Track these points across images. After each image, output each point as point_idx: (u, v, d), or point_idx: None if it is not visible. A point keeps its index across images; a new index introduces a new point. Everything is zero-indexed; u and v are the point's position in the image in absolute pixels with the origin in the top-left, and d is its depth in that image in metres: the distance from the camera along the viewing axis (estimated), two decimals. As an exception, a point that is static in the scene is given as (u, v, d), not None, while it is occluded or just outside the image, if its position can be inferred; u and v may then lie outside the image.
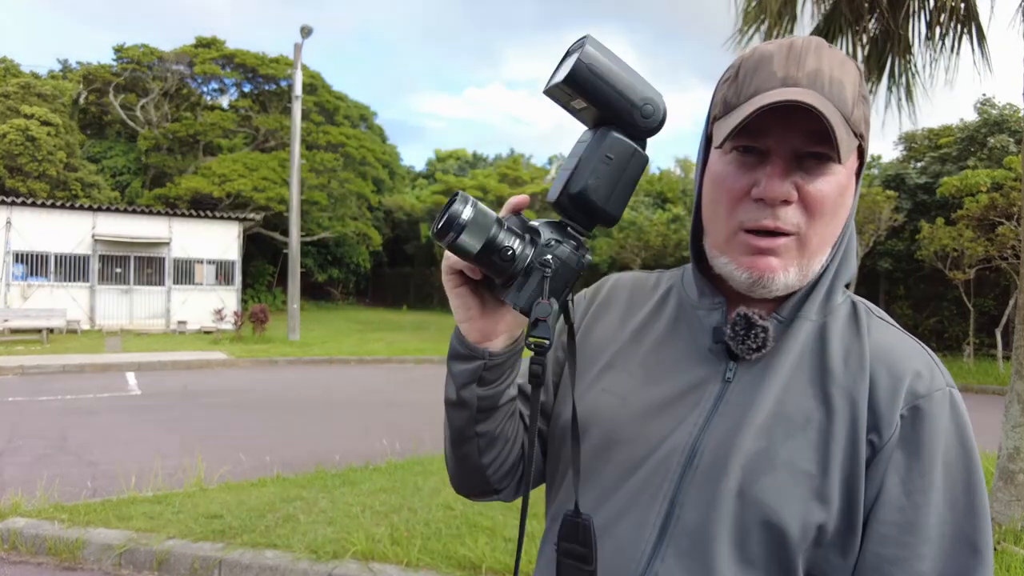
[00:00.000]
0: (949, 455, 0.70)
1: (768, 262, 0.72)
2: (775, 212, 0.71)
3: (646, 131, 0.70)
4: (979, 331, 15.17)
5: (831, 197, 0.71)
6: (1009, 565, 3.45)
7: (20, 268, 17.62)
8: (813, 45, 0.73)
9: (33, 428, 7.12)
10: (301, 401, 9.38)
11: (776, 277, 0.72)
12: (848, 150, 0.69)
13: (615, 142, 0.68)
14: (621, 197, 0.70)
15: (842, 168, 0.72)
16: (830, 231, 0.74)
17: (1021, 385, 4.00)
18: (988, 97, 17.56)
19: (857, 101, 0.72)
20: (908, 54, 5.04)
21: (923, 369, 0.73)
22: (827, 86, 0.70)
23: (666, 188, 27.96)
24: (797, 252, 0.73)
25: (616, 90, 0.67)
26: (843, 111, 0.70)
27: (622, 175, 0.69)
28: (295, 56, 17.98)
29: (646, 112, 0.68)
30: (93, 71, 28.25)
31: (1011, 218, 12.63)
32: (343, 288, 35.71)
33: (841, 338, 0.75)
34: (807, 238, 0.72)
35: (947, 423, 0.71)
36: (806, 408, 0.72)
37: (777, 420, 0.72)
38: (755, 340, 0.74)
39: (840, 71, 0.71)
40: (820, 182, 0.71)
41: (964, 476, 0.70)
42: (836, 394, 0.72)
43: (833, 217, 0.73)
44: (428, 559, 3.55)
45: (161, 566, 3.67)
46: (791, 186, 0.70)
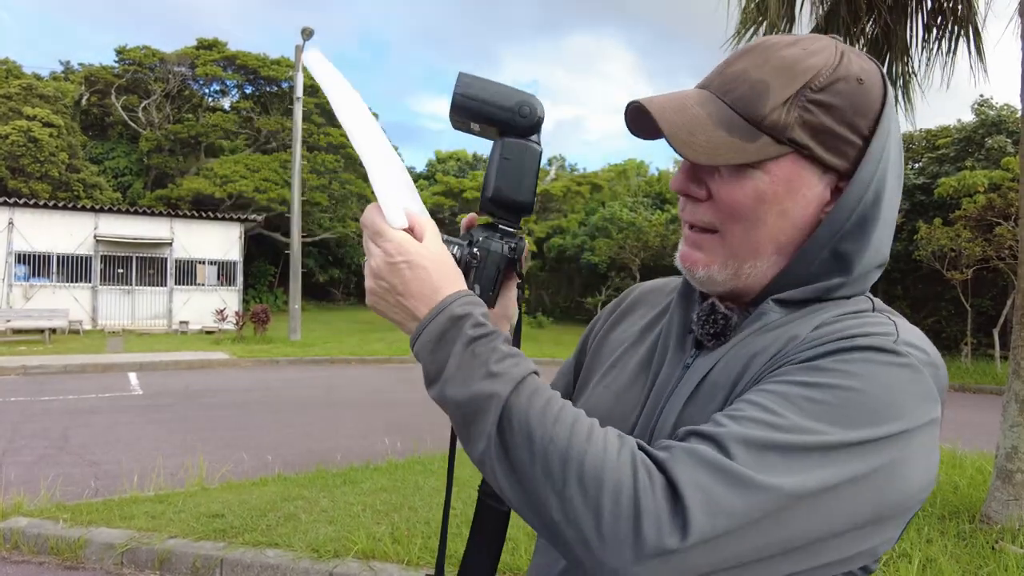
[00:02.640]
0: (828, 380, 0.62)
1: (691, 254, 0.75)
2: (688, 208, 0.75)
3: (529, 128, 0.80)
4: (977, 331, 15.18)
5: (743, 203, 0.71)
6: (1007, 565, 3.46)
7: (22, 269, 17.66)
8: (761, 47, 0.72)
9: (35, 428, 7.15)
10: (302, 401, 9.41)
11: (697, 270, 0.75)
12: (735, 154, 0.68)
13: (507, 145, 0.80)
14: (528, 187, 0.81)
15: (763, 174, 0.70)
16: (761, 235, 0.72)
17: (1019, 385, 4.02)
18: (986, 98, 17.59)
19: (791, 103, 0.68)
20: (906, 56, 5.06)
21: (862, 329, 0.67)
22: (736, 88, 0.70)
23: (665, 189, 27.96)
24: (721, 250, 0.74)
25: (492, 104, 0.78)
26: (746, 112, 0.69)
27: (522, 169, 0.80)
28: (296, 58, 18.03)
29: (523, 113, 0.79)
30: (95, 72, 28.31)
31: (1009, 218, 12.64)
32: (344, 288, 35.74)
33: (793, 321, 0.72)
34: (727, 239, 0.73)
35: (849, 364, 0.63)
36: (723, 380, 0.71)
37: (698, 391, 0.72)
38: (713, 326, 0.75)
39: (773, 73, 0.69)
40: (729, 186, 0.71)
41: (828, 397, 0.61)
42: (757, 354, 0.70)
43: (758, 222, 0.71)
44: (429, 558, 3.57)
45: (163, 565, 3.69)
46: (693, 184, 0.73)
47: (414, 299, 0.70)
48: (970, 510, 4.27)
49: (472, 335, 0.66)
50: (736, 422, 0.60)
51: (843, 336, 0.65)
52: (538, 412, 0.62)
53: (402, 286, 0.70)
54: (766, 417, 0.60)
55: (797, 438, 0.59)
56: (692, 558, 0.55)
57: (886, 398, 0.61)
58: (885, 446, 0.60)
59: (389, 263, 0.70)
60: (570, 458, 0.59)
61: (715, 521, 0.55)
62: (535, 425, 0.61)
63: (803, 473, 0.57)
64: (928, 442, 0.64)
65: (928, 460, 0.64)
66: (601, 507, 0.57)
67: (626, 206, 24.62)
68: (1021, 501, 3.96)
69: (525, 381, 0.64)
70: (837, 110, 0.69)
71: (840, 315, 0.70)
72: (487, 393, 0.63)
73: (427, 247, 0.72)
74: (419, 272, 0.70)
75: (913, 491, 0.63)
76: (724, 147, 0.68)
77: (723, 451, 0.58)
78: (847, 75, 0.70)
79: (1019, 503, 3.95)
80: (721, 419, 0.61)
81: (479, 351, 0.65)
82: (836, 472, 0.58)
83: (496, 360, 0.65)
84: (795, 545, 0.59)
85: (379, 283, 0.72)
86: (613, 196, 27.82)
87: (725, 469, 0.57)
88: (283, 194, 24.93)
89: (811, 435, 0.59)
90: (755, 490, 0.56)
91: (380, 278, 0.71)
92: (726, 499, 0.56)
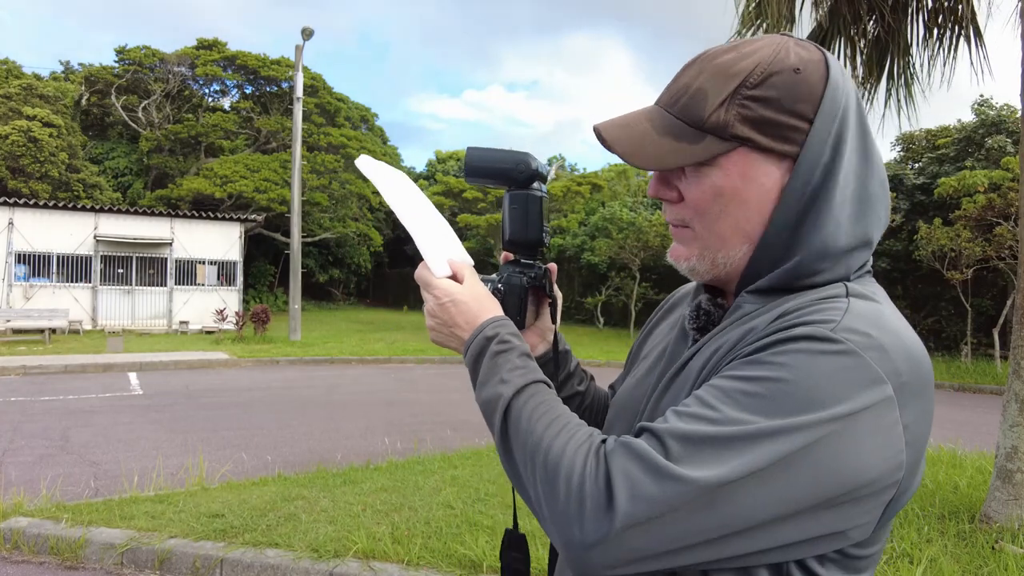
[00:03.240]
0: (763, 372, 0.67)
1: (675, 249, 0.86)
2: (667, 209, 0.86)
3: (527, 180, 0.99)
4: (977, 331, 15.18)
5: (704, 197, 0.79)
6: (1007, 564, 3.46)
7: (22, 269, 17.66)
8: (700, 59, 0.80)
9: (35, 428, 7.15)
10: (302, 401, 9.41)
11: (680, 262, 0.85)
12: (681, 157, 0.77)
13: (514, 196, 1.00)
14: (535, 226, 0.99)
15: (717, 170, 0.77)
16: (726, 225, 0.79)
17: (1019, 385, 4.02)
18: (986, 98, 17.58)
19: (729, 102, 0.75)
20: (907, 55, 5.06)
21: (805, 318, 0.71)
22: (679, 98, 0.79)
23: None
24: (696, 243, 0.83)
25: (496, 170, 0.99)
26: (689, 118, 0.77)
27: (527, 214, 0.99)
28: (296, 58, 18.01)
29: (520, 170, 0.99)
30: (95, 72, 28.31)
31: (1009, 218, 12.64)
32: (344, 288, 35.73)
33: (759, 313, 0.77)
34: (698, 232, 0.82)
35: (783, 355, 0.67)
36: (700, 366, 0.79)
37: (676, 377, 0.82)
38: (697, 320, 0.87)
39: (710, 79, 0.77)
40: (692, 185, 0.80)
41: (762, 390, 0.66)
42: (714, 357, 0.77)
43: (720, 215, 0.79)
44: (429, 558, 3.57)
45: (163, 565, 3.69)
46: (664, 188, 0.83)
47: (460, 328, 0.89)
48: (970, 510, 4.27)
49: (495, 350, 0.83)
50: (679, 418, 0.68)
51: (783, 327, 0.71)
52: (529, 412, 0.75)
53: (451, 319, 0.90)
54: (703, 412, 0.67)
55: (726, 430, 0.64)
56: (629, 539, 0.63)
57: (815, 385, 0.64)
58: (812, 429, 0.63)
59: (439, 304, 0.91)
60: (540, 449, 0.71)
61: (636, 507, 0.63)
62: (524, 422, 0.75)
63: (727, 463, 0.63)
64: (876, 423, 0.65)
65: (882, 441, 0.65)
66: (556, 490, 0.67)
67: (626, 206, 24.61)
68: (1021, 501, 3.96)
69: (527, 387, 0.78)
70: (774, 101, 0.75)
71: (805, 303, 0.74)
72: (497, 395, 0.79)
73: (466, 286, 0.91)
74: (462, 307, 0.89)
75: (864, 472, 0.65)
76: (671, 152, 0.77)
77: (660, 444, 0.65)
78: (782, 68, 0.75)
79: (1019, 503, 3.95)
80: (669, 415, 0.69)
81: (499, 362, 0.82)
82: (759, 457, 0.63)
83: (508, 369, 0.81)
84: (734, 528, 0.64)
85: (435, 321, 0.92)
86: (613, 196, 27.81)
87: (649, 460, 0.64)
88: (283, 194, 24.94)
89: (739, 426, 0.64)
90: (673, 480, 0.63)
91: (435, 316, 0.92)
92: (646, 488, 0.63)
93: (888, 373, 0.66)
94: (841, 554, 0.71)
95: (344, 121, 30.80)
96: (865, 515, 0.68)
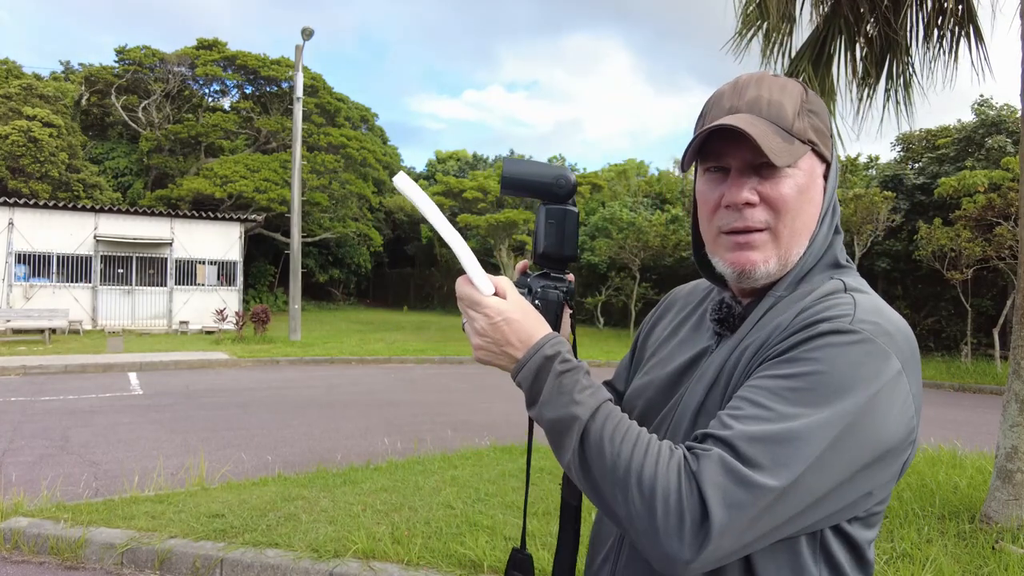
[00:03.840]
0: (802, 369, 0.77)
1: (748, 256, 0.88)
2: (743, 214, 0.88)
3: (566, 196, 0.99)
4: (977, 331, 15.18)
5: (790, 196, 0.87)
6: (1008, 564, 3.46)
7: (22, 269, 17.66)
8: (755, 79, 0.90)
9: (35, 428, 7.15)
10: (302, 401, 9.41)
11: (757, 268, 0.88)
12: (790, 155, 0.84)
13: (551, 211, 1.00)
14: (571, 242, 1.00)
15: (798, 171, 0.87)
16: (800, 224, 0.88)
17: (1019, 385, 4.02)
18: (986, 98, 17.57)
19: (801, 114, 0.87)
20: (907, 55, 5.06)
21: (824, 314, 0.81)
22: (765, 108, 0.87)
23: (665, 189, 27.95)
24: (773, 245, 0.88)
25: (535, 183, 0.99)
26: (782, 124, 0.86)
27: (564, 229, 1.00)
28: (296, 58, 18.01)
29: (560, 185, 0.99)
30: (95, 72, 28.30)
31: (1009, 218, 12.64)
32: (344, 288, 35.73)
33: (790, 303, 0.87)
34: (778, 232, 0.87)
35: (815, 351, 0.78)
36: (731, 364, 0.87)
37: (714, 377, 0.89)
38: (717, 313, 0.94)
39: (779, 94, 0.88)
40: (777, 185, 0.86)
41: (805, 384, 0.76)
42: (750, 345, 0.86)
43: (799, 212, 0.87)
44: (429, 558, 3.57)
45: (163, 565, 3.69)
46: (749, 191, 0.87)
47: (512, 346, 0.89)
48: (970, 510, 4.27)
49: (560, 370, 0.85)
50: (739, 421, 0.76)
51: (808, 324, 0.81)
52: (610, 433, 0.79)
53: (503, 339, 0.89)
54: (759, 412, 0.76)
55: (785, 426, 0.74)
56: (724, 544, 0.72)
57: (846, 372, 0.76)
58: (852, 411, 0.74)
59: (491, 324, 0.89)
60: (631, 469, 0.76)
61: (731, 516, 0.71)
62: (606, 443, 0.78)
63: (794, 457, 0.73)
64: (894, 392, 0.77)
65: (900, 405, 0.78)
66: (655, 508, 0.73)
67: (626, 206, 24.60)
68: (1021, 501, 3.96)
69: (601, 408, 0.82)
70: (819, 114, 0.90)
71: (817, 299, 0.85)
72: (571, 416, 0.81)
73: (512, 302, 0.90)
74: (514, 325, 0.89)
75: (891, 437, 0.77)
76: (787, 151, 0.84)
77: (733, 452, 0.73)
78: (809, 90, 0.91)
79: (1019, 503, 3.95)
80: (727, 420, 0.77)
81: (565, 382, 0.84)
82: (818, 444, 0.73)
83: (579, 391, 0.83)
84: (801, 508, 0.75)
85: (485, 340, 0.90)
86: (613, 196, 27.80)
87: (734, 472, 0.72)
88: (283, 194, 24.94)
89: (795, 421, 0.74)
90: (758, 488, 0.72)
91: (485, 335, 0.90)
92: (737, 497, 0.71)
93: (896, 352, 0.78)
94: (865, 511, 0.82)
95: (344, 121, 30.79)
96: (889, 474, 0.80)
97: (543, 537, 3.78)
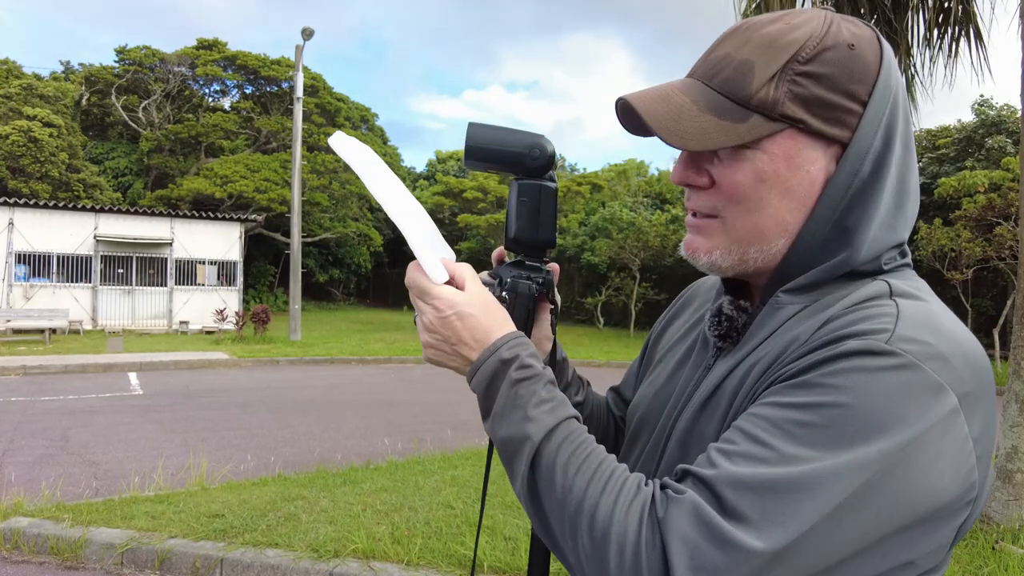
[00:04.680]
0: (815, 398, 0.59)
1: (693, 241, 0.76)
2: (690, 197, 0.76)
3: (541, 169, 0.83)
4: (977, 331, 15.18)
5: (743, 183, 0.70)
6: (1008, 564, 3.46)
7: (23, 269, 17.66)
8: (742, 28, 0.72)
9: (35, 428, 7.15)
10: (302, 401, 9.41)
11: (699, 256, 0.75)
12: (724, 136, 0.67)
13: (523, 187, 0.84)
14: (547, 224, 0.84)
15: (761, 153, 0.69)
16: (764, 216, 0.71)
17: (1019, 385, 4.03)
18: (986, 98, 17.59)
19: (779, 78, 0.67)
20: (908, 55, 5.06)
21: (856, 330, 0.62)
22: (722, 70, 0.69)
23: (665, 189, 27.98)
24: (724, 235, 0.73)
25: (503, 151, 0.82)
26: (733, 94, 0.68)
27: (539, 208, 0.84)
28: (296, 58, 18.02)
29: (534, 155, 0.82)
30: (95, 72, 28.32)
31: (1009, 219, 12.64)
32: (344, 288, 35.72)
33: (807, 316, 0.69)
34: (730, 223, 0.72)
35: (837, 376, 0.60)
36: (736, 384, 0.71)
37: (711, 398, 0.73)
38: (717, 327, 0.77)
39: (755, 52, 0.68)
40: (729, 169, 0.70)
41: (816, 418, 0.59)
42: (757, 362, 0.70)
43: (760, 203, 0.70)
44: (429, 558, 3.57)
45: (163, 565, 3.69)
46: (688, 171, 0.73)
47: (467, 346, 0.74)
48: (970, 510, 4.27)
49: (516, 377, 0.70)
50: (728, 459, 0.59)
51: (830, 340, 0.62)
52: (564, 460, 0.65)
53: (455, 336, 0.74)
54: (756, 450, 0.59)
55: (785, 471, 0.57)
56: None
57: (875, 407, 0.57)
58: (880, 459, 0.56)
59: (440, 318, 0.74)
60: (583, 509, 0.62)
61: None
62: (559, 472, 0.64)
63: (792, 514, 0.56)
64: (946, 436, 0.58)
65: (954, 452, 0.59)
66: (606, 559, 0.59)
67: (626, 206, 24.62)
68: (1021, 501, 3.96)
69: (558, 428, 0.67)
70: (829, 79, 0.67)
71: (849, 306, 0.66)
72: (522, 436, 0.67)
73: (471, 294, 0.75)
74: (469, 321, 0.74)
75: (937, 496, 0.59)
76: (714, 131, 0.67)
77: (714, 497, 0.58)
78: (836, 43, 0.68)
79: (1019, 503, 3.96)
80: (715, 456, 0.61)
81: (521, 393, 0.69)
82: (827, 500, 0.56)
83: (534, 404, 0.68)
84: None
85: (434, 337, 0.76)
86: (613, 196, 27.83)
87: (709, 524, 0.56)
88: (283, 194, 24.94)
89: (799, 465, 0.57)
90: (737, 549, 0.55)
91: (434, 332, 0.75)
92: (709, 558, 0.55)
93: (951, 383, 0.59)
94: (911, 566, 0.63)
95: (344, 121, 30.80)
96: (936, 541, 0.62)
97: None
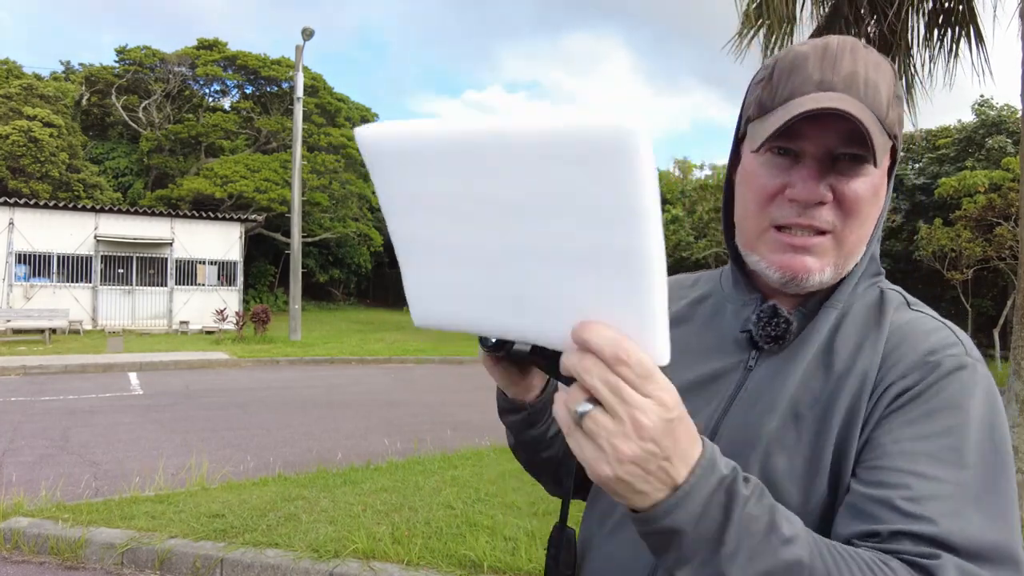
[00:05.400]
0: (950, 421, 0.66)
1: (803, 261, 0.72)
2: (809, 212, 0.72)
3: None
4: (977, 331, 15.18)
5: (866, 197, 0.71)
6: (1006, 564, 3.46)
7: (23, 269, 17.67)
8: (849, 46, 0.72)
9: (35, 428, 7.15)
10: (303, 401, 9.40)
11: (811, 277, 0.73)
12: (883, 152, 0.69)
13: None
14: None
15: (876, 168, 0.71)
16: (865, 230, 0.74)
17: (1019, 385, 4.03)
18: (986, 98, 17.60)
19: (892, 102, 0.71)
20: (908, 56, 5.06)
21: (938, 347, 0.70)
22: (862, 89, 0.70)
23: (665, 189, 27.99)
24: (834, 251, 0.73)
25: None
26: (877, 113, 0.70)
27: None
28: (296, 58, 18.03)
29: None
30: (95, 73, 28.34)
31: (1009, 219, 12.64)
32: (344, 288, 35.73)
33: (860, 322, 0.75)
34: (843, 237, 0.72)
35: (953, 395, 0.67)
36: (814, 391, 0.71)
37: (788, 405, 0.72)
38: (775, 328, 0.75)
39: (875, 73, 0.71)
40: (855, 183, 0.71)
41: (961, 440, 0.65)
42: (844, 375, 0.71)
43: (868, 216, 0.73)
44: (429, 558, 3.57)
45: (163, 565, 3.69)
46: (826, 188, 0.71)
47: (678, 460, 0.53)
48: (970, 510, 4.26)
49: (747, 494, 0.56)
50: (921, 505, 0.62)
51: (929, 362, 0.69)
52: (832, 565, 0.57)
53: (672, 447, 0.52)
54: (933, 489, 0.63)
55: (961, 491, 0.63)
56: None
57: (983, 411, 0.67)
58: (1003, 443, 0.67)
59: (667, 420, 0.51)
60: None
61: None
62: None
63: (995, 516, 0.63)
64: None
65: None
66: None
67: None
68: (1022, 501, 3.96)
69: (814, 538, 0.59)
70: (902, 103, 0.73)
71: (903, 323, 0.74)
72: (794, 560, 0.56)
73: None
74: (687, 425, 0.54)
75: None
76: (882, 147, 0.69)
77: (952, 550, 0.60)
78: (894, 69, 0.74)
79: (1020, 504, 3.95)
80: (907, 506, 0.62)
81: (755, 514, 0.55)
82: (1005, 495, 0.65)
83: (784, 520, 0.57)
84: None
85: (647, 448, 0.51)
86: (613, 196, 27.82)
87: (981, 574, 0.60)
88: (283, 194, 24.95)
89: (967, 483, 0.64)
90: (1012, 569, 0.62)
91: (651, 440, 0.51)
92: None
93: (980, 361, 0.72)
94: None
95: (344, 121, 30.82)
96: None
97: (543, 537, 3.78)
